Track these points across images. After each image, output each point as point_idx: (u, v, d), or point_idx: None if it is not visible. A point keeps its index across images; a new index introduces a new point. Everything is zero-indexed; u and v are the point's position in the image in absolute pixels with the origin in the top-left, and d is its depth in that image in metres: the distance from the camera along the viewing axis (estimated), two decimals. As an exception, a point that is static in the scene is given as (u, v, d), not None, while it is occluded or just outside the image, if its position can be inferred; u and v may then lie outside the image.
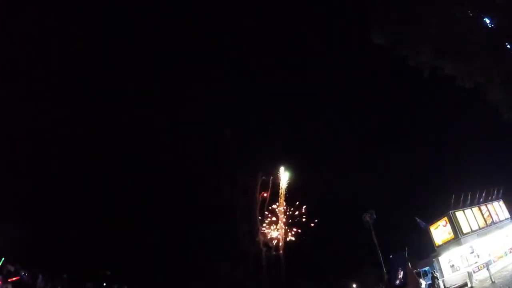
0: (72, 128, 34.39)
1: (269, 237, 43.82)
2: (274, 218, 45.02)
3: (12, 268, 19.01)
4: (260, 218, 43.92)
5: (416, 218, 29.13)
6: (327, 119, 46.60)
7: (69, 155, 34.76)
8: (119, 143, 37.89)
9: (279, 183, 45.50)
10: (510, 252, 24.90)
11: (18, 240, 23.03)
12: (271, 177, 44.69)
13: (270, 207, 44.88)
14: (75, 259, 29.18)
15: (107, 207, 35.36)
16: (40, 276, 19.63)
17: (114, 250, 34.23)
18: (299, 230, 44.10)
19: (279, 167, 45.41)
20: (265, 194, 44.55)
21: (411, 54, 14.62)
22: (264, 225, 44.21)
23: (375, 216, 27.65)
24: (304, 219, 44.19)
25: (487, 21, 12.80)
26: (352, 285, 45.37)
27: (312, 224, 43.79)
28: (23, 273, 19.50)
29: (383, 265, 27.03)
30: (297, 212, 44.90)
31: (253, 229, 42.65)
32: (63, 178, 33.52)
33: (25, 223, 25.98)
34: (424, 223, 28.84)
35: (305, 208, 44.43)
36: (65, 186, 33.58)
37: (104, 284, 27.46)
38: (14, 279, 16.10)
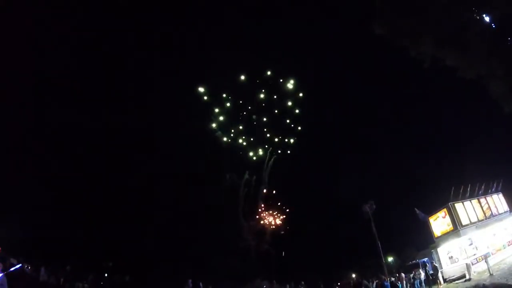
0: (73, 125, 34.26)
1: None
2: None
3: (15, 261, 19.18)
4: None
5: (416, 209, 29.24)
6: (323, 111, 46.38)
7: (70, 150, 34.86)
8: (118, 139, 37.93)
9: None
10: (509, 245, 25.06)
11: (20, 234, 23.24)
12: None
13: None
14: (77, 251, 29.44)
15: (109, 199, 35.55)
16: (43, 269, 19.77)
17: (116, 242, 34.53)
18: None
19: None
20: None
21: (412, 44, 14.52)
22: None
23: (374, 207, 27.85)
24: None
25: (487, 18, 12.68)
26: (351, 275, 45.77)
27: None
28: (26, 266, 19.65)
29: (382, 255, 27.40)
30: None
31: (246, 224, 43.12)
32: (64, 171, 33.66)
33: (27, 217, 26.19)
34: (423, 215, 28.94)
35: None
36: (67, 178, 33.73)
37: (106, 275, 27.75)
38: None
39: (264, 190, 45.61)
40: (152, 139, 40.45)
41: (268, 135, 45.34)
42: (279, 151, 46.09)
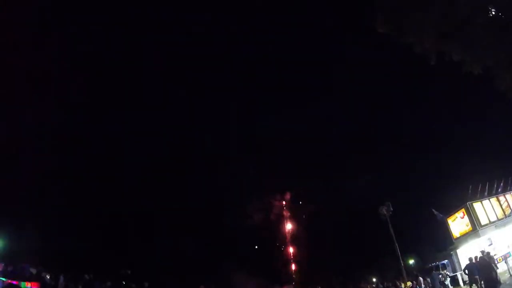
0: (93, 133, 35.19)
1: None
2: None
3: (34, 271, 19.80)
4: None
5: (433, 210, 28.59)
6: (336, 114, 46.22)
7: (86, 157, 35.75)
8: (139, 148, 38.85)
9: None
10: (529, 244, 24.04)
11: (40, 242, 23.98)
12: None
13: None
14: (96, 259, 30.02)
15: (127, 207, 36.29)
16: (62, 277, 20.28)
17: (135, 250, 35.13)
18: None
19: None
20: None
21: (416, 41, 14.35)
22: None
23: (391, 209, 27.25)
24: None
25: (493, 9, 12.51)
26: (371, 279, 44.94)
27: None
28: (45, 275, 20.24)
29: (400, 258, 26.78)
30: None
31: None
32: (81, 179, 34.47)
33: (46, 225, 26.92)
34: (441, 215, 28.29)
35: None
36: (86, 188, 34.52)
37: (124, 283, 28.18)
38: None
39: None
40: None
41: None
42: None
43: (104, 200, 34.67)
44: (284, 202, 47.68)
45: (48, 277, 20.44)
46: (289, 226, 47.38)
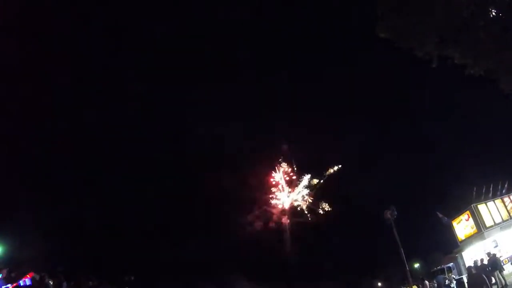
0: (86, 134, 35.20)
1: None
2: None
3: (37, 277, 19.78)
4: None
5: (438, 213, 28.44)
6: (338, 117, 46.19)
7: (91, 166, 35.84)
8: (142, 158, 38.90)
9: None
10: (535, 245, 23.83)
11: (43, 250, 23.98)
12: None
13: None
14: (100, 266, 29.99)
15: (131, 212, 36.30)
16: (65, 284, 20.22)
17: (139, 256, 35.06)
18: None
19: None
20: None
21: (417, 45, 14.35)
22: None
23: (396, 213, 27.02)
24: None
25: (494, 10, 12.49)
26: (377, 284, 44.69)
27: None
28: (48, 282, 20.20)
29: (405, 262, 26.56)
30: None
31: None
32: (85, 185, 34.59)
33: (50, 232, 26.97)
34: (446, 218, 28.14)
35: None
36: (88, 193, 34.63)
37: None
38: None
39: None
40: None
41: None
42: None
43: (108, 205, 34.78)
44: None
45: (51, 283, 20.38)
46: (292, 232, 46.83)
